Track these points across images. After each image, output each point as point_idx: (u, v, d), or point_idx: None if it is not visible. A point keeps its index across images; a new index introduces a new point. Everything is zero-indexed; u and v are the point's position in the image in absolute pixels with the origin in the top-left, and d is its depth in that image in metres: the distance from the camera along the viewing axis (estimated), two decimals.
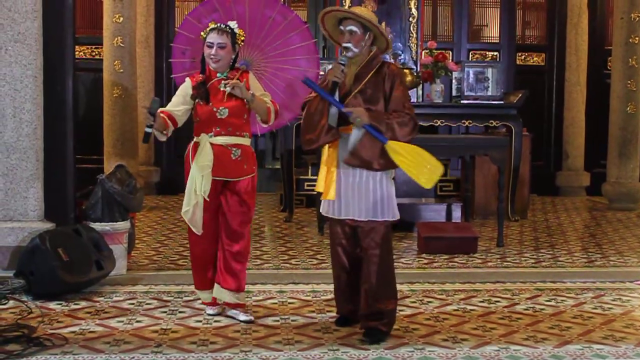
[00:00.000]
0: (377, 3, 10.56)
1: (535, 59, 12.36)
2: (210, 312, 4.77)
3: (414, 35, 10.00)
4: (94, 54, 11.29)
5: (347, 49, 4.32)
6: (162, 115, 4.44)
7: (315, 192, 8.26)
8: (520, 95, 8.77)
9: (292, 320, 4.65)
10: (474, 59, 11.58)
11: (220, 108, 4.52)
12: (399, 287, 5.40)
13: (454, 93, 9.29)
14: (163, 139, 4.55)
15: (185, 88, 4.61)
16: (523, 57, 12.26)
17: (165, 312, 4.81)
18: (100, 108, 9.76)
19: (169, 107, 4.56)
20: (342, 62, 4.32)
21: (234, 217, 4.60)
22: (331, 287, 5.29)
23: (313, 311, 4.87)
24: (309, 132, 4.36)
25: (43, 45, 5.78)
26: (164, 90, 11.57)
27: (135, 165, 9.67)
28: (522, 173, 9.05)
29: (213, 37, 4.52)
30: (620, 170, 10.22)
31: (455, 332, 4.43)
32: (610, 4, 11.90)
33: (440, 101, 8.96)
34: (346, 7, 9.81)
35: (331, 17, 4.42)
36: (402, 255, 6.80)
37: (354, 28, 4.29)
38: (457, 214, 8.43)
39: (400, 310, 4.82)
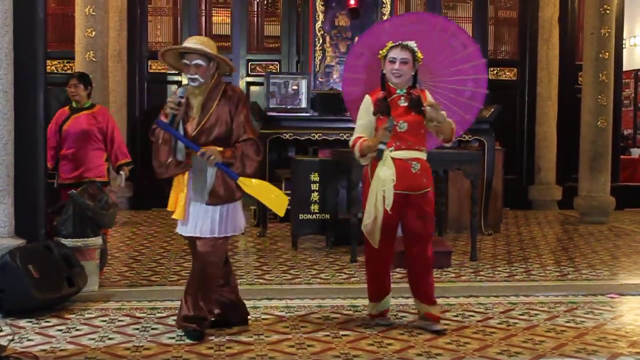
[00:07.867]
0: (350, 18, 10.64)
1: (507, 73, 12.46)
2: (381, 322, 4.89)
3: None
4: (65, 68, 11.20)
5: (194, 79, 4.45)
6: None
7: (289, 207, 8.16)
8: (492, 109, 8.81)
9: (266, 337, 4.63)
10: None
11: (401, 122, 4.63)
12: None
13: None
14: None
15: (367, 105, 4.73)
16: (495, 71, 12.35)
17: (138, 329, 4.77)
18: None
19: (364, 134, 4.71)
20: (181, 95, 4.43)
21: (417, 230, 4.74)
22: (306, 302, 5.32)
23: (287, 327, 4.85)
24: (159, 164, 4.54)
25: (14, 59, 5.72)
26: (137, 104, 11.52)
27: None
28: (495, 187, 9.10)
29: (396, 53, 4.67)
30: (592, 184, 10.31)
31: (430, 347, 4.43)
32: (581, 20, 12.04)
33: None
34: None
35: (172, 53, 4.60)
36: None
37: (199, 62, 4.42)
38: None
39: (373, 325, 4.85)
